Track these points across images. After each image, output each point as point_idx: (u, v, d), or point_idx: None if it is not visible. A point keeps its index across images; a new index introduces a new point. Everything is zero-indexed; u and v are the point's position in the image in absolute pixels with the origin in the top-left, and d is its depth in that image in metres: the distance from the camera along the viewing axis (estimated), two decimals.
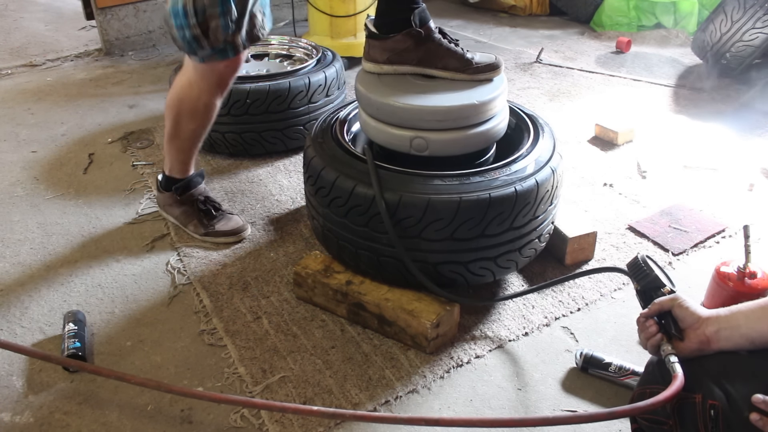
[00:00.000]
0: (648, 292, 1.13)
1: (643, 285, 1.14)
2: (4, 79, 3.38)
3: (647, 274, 1.14)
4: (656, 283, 1.13)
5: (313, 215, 1.71)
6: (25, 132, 2.74)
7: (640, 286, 1.16)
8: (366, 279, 1.60)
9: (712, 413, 0.90)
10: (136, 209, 2.15)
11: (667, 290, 1.11)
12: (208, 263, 1.85)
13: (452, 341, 1.55)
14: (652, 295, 1.12)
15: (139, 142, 2.61)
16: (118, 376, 1.38)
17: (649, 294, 1.13)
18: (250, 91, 2.27)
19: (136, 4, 3.73)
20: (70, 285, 1.79)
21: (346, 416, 1.29)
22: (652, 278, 1.13)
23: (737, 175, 2.27)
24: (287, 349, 1.54)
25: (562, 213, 1.84)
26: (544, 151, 1.61)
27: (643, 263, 1.16)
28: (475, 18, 4.38)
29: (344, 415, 1.28)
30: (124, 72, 3.47)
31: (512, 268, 1.62)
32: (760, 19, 2.83)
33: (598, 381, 1.45)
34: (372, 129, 1.65)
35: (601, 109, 2.82)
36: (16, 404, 1.41)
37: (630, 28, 3.88)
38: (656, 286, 1.12)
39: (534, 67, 3.36)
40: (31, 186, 2.31)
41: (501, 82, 1.64)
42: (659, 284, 1.12)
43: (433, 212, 1.45)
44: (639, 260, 1.17)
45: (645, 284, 1.14)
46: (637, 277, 1.16)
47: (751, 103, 2.86)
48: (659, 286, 1.12)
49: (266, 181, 2.29)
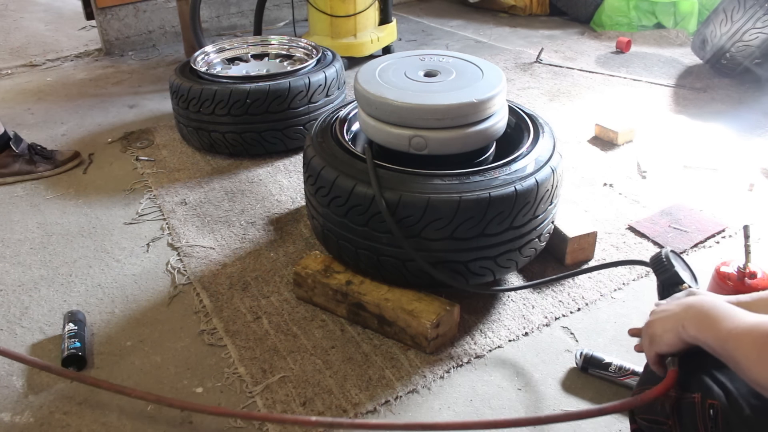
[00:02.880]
0: (667, 287, 1.17)
1: (663, 279, 1.18)
2: (4, 79, 3.38)
3: (667, 269, 1.18)
4: (675, 279, 1.16)
5: (313, 215, 1.71)
6: (25, 132, 2.74)
7: (660, 280, 1.19)
8: (366, 279, 1.60)
9: (712, 413, 0.90)
10: (136, 209, 2.15)
11: (686, 287, 1.14)
12: (208, 263, 1.85)
13: (452, 341, 1.55)
14: (671, 290, 1.15)
15: (139, 142, 2.62)
16: (117, 390, 1.37)
17: (669, 289, 1.16)
18: (250, 91, 2.27)
19: (136, 4, 3.74)
20: (70, 285, 1.79)
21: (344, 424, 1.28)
22: (671, 274, 1.16)
23: (737, 175, 2.27)
24: (287, 349, 1.54)
25: (562, 213, 1.84)
26: (544, 151, 1.61)
27: (665, 258, 1.20)
28: (475, 18, 4.38)
29: (342, 424, 1.28)
30: (124, 72, 3.47)
31: (512, 268, 1.62)
32: (760, 19, 2.83)
33: (598, 381, 1.44)
34: (371, 128, 1.65)
35: (601, 109, 2.82)
36: (16, 404, 1.41)
37: (630, 28, 3.89)
38: (675, 282, 1.15)
39: (534, 67, 3.36)
40: (31, 186, 2.31)
41: (500, 80, 1.64)
42: (678, 280, 1.15)
43: (432, 212, 1.45)
44: (662, 255, 1.21)
45: (664, 279, 1.18)
46: (658, 270, 1.20)
47: (751, 102, 2.86)
48: (678, 282, 1.15)
49: (266, 181, 2.30)
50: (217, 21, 4.04)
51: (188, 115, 2.39)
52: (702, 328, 0.88)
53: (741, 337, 0.80)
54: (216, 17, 4.03)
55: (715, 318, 0.86)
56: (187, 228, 2.03)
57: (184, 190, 2.24)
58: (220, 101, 2.29)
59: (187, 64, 2.51)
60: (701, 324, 0.88)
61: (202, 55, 2.61)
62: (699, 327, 0.89)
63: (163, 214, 2.11)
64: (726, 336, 0.82)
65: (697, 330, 0.89)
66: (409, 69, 1.71)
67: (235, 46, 2.74)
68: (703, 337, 0.87)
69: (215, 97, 2.28)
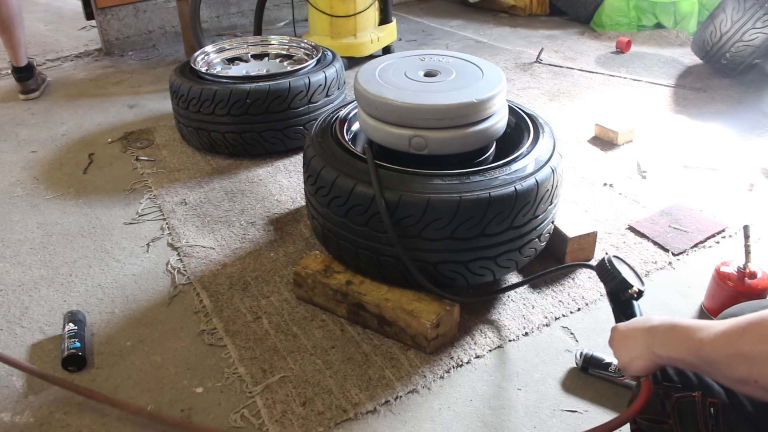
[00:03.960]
0: (617, 294, 1.14)
1: (611, 287, 1.15)
2: (4, 79, 3.38)
3: (614, 276, 1.14)
4: (623, 284, 1.13)
5: (313, 215, 1.71)
6: (25, 132, 2.74)
7: (608, 288, 1.16)
8: (366, 279, 1.60)
9: (712, 411, 0.90)
10: (136, 209, 2.15)
11: (635, 291, 1.11)
12: (208, 263, 1.85)
13: (452, 341, 1.55)
14: (620, 296, 1.13)
15: (138, 142, 2.62)
16: (112, 403, 1.37)
17: (618, 295, 1.13)
18: (250, 91, 2.27)
19: (136, 4, 3.74)
20: (70, 285, 1.79)
21: None
22: (620, 280, 1.13)
23: (737, 175, 2.27)
24: (287, 349, 1.54)
25: (562, 213, 1.84)
26: (544, 151, 1.61)
27: (609, 264, 1.16)
28: (475, 18, 4.38)
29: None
30: (124, 72, 3.47)
31: (512, 268, 1.62)
32: (760, 19, 2.83)
33: (598, 381, 1.44)
34: (371, 128, 1.65)
35: (601, 109, 2.82)
36: (16, 404, 1.41)
37: (630, 28, 3.89)
38: (624, 288, 1.12)
39: (534, 67, 3.36)
40: (31, 186, 2.31)
41: (500, 80, 1.64)
42: (626, 285, 1.12)
43: (432, 211, 1.45)
44: (605, 262, 1.17)
45: (613, 286, 1.14)
46: (604, 278, 1.16)
47: (751, 102, 2.86)
48: (627, 287, 1.12)
49: (266, 181, 2.29)
50: (217, 21, 4.04)
51: (188, 115, 2.39)
52: (673, 346, 0.88)
53: (714, 341, 0.80)
54: (216, 17, 4.03)
55: (682, 332, 0.87)
56: (187, 228, 2.03)
57: (184, 190, 2.24)
58: (220, 101, 2.29)
59: (187, 64, 2.52)
60: (671, 342, 0.89)
61: (202, 55, 2.61)
62: (670, 346, 0.89)
63: (163, 214, 2.11)
64: (699, 344, 0.82)
65: (668, 349, 0.89)
66: (409, 69, 1.71)
67: (235, 46, 2.74)
68: (677, 354, 0.88)
69: (215, 97, 2.28)
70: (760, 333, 0.75)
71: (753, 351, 0.75)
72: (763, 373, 0.74)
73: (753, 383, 0.75)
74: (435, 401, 1.41)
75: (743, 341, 0.76)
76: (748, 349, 0.76)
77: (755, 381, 0.75)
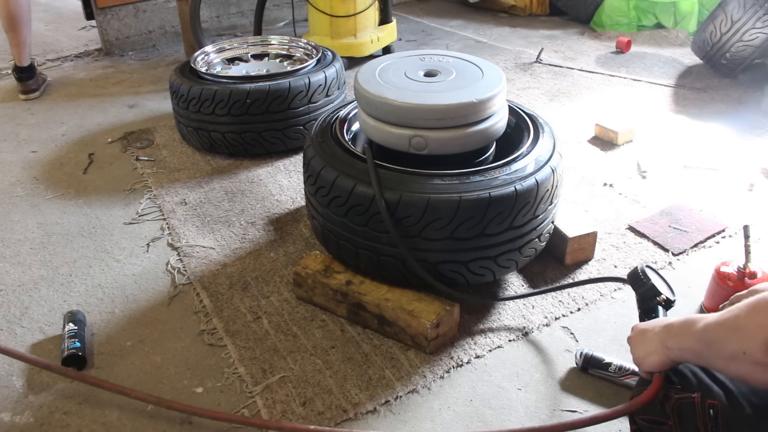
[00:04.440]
0: (645, 300, 1.23)
1: (641, 293, 1.24)
2: (4, 79, 3.38)
3: (644, 282, 1.24)
4: (653, 291, 1.21)
5: (313, 215, 1.71)
6: (25, 132, 2.74)
7: (638, 295, 1.25)
8: (366, 279, 1.60)
9: (712, 412, 0.90)
10: (136, 209, 2.15)
11: (663, 298, 1.19)
12: (208, 263, 1.85)
13: (452, 341, 1.55)
14: (649, 303, 1.21)
15: (138, 142, 2.62)
16: (119, 390, 1.38)
17: (647, 302, 1.22)
18: (250, 91, 2.27)
19: (136, 4, 3.74)
20: (70, 285, 1.79)
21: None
22: (649, 286, 1.22)
23: (737, 175, 2.27)
24: (287, 349, 1.54)
25: (562, 213, 1.84)
26: (544, 151, 1.61)
27: (641, 273, 1.25)
28: (475, 18, 4.38)
29: None
30: (124, 72, 3.47)
31: (512, 268, 1.62)
32: (760, 19, 2.83)
33: (598, 381, 1.44)
34: (371, 128, 1.65)
35: (601, 109, 2.82)
36: (16, 404, 1.41)
37: (630, 28, 3.89)
38: (653, 294, 1.21)
39: (534, 67, 3.36)
40: (31, 186, 2.31)
41: (500, 80, 1.64)
42: (656, 292, 1.21)
43: (432, 211, 1.45)
44: (638, 270, 1.26)
45: (642, 293, 1.24)
46: (635, 285, 1.26)
47: (751, 102, 2.86)
48: (655, 294, 1.21)
49: (266, 181, 2.30)
50: (217, 21, 4.04)
51: (188, 115, 2.39)
52: (682, 336, 0.93)
53: (717, 319, 0.86)
54: (216, 17, 4.03)
55: (691, 321, 0.91)
56: (187, 228, 2.03)
57: (184, 190, 2.24)
58: (220, 101, 2.29)
59: (187, 64, 2.52)
60: (681, 334, 0.94)
61: (202, 55, 2.61)
62: (680, 336, 0.94)
63: (163, 214, 2.11)
64: (703, 327, 0.87)
65: (679, 340, 0.94)
66: (409, 69, 1.71)
67: (235, 46, 2.74)
68: (686, 343, 0.92)
69: (215, 97, 2.28)
70: (758, 305, 0.80)
71: (747, 320, 0.80)
72: (752, 345, 0.78)
73: (742, 356, 0.80)
74: (435, 401, 1.41)
75: (741, 313, 0.82)
76: (743, 320, 0.81)
77: (743, 353, 0.79)
